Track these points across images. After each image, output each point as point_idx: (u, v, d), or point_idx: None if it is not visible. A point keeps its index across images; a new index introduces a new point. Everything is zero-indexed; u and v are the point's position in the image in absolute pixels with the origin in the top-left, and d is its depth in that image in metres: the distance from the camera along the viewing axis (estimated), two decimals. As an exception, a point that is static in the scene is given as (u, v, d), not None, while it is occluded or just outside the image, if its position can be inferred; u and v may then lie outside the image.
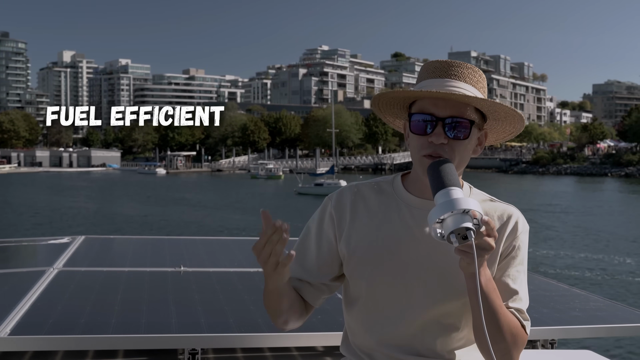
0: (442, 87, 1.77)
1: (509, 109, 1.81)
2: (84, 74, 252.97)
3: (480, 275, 1.64)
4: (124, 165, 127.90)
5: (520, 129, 1.91)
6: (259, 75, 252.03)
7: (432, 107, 1.76)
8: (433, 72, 1.83)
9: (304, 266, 1.94)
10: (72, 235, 5.13)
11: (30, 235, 25.59)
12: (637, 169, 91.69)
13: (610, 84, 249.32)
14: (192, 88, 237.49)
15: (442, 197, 1.57)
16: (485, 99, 1.77)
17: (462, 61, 1.87)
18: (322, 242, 1.93)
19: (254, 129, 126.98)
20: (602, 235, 29.43)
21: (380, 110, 1.96)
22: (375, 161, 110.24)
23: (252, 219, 35.14)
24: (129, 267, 3.92)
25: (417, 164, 1.81)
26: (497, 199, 1.91)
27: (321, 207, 1.97)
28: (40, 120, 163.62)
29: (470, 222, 1.51)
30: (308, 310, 1.97)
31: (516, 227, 1.85)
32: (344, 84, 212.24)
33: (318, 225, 1.95)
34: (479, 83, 1.83)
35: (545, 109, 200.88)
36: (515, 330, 1.75)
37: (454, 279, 1.78)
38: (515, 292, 1.82)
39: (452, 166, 1.67)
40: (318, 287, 1.95)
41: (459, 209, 1.51)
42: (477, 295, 1.55)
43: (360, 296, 1.88)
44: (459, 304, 1.81)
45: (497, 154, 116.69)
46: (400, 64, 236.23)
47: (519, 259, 1.85)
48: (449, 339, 1.84)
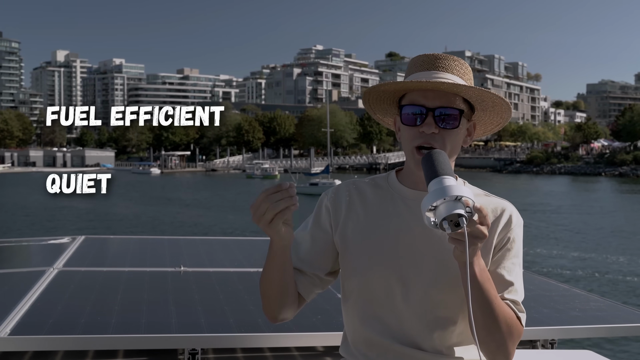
0: (430, 79, 1.80)
1: (496, 97, 1.84)
2: (78, 74, 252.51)
3: (474, 264, 1.66)
4: (118, 165, 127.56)
5: (508, 118, 1.94)
6: (254, 75, 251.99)
7: (422, 98, 1.80)
8: (421, 65, 1.87)
9: (299, 255, 1.96)
10: (72, 236, 5.12)
11: (24, 235, 25.53)
12: (631, 169, 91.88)
13: (604, 84, 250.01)
14: (187, 88, 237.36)
15: (435, 184, 1.58)
16: (473, 86, 1.80)
17: None
18: (318, 233, 1.95)
19: (248, 128, 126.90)
20: (593, 234, 29.53)
21: (371, 107, 1.99)
22: (370, 161, 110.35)
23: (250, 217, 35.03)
24: (129, 267, 3.92)
25: (409, 155, 1.84)
26: (492, 194, 1.93)
27: (318, 201, 1.99)
28: (33, 120, 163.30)
29: (463, 209, 1.52)
30: (300, 303, 1.97)
31: (510, 220, 1.86)
32: (338, 84, 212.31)
33: (315, 218, 1.98)
34: (466, 75, 1.87)
35: (539, 108, 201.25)
36: (510, 321, 1.75)
37: (449, 271, 1.79)
38: (510, 284, 1.83)
39: (445, 156, 1.69)
40: (311, 279, 1.95)
41: (452, 196, 1.52)
42: (467, 284, 1.57)
43: (356, 289, 1.89)
44: (455, 296, 1.81)
45: (491, 154, 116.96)
46: (395, 63, 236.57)
47: (513, 252, 1.86)
48: (446, 332, 1.84)
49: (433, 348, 1.83)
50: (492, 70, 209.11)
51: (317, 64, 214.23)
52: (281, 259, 1.80)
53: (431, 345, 1.83)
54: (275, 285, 1.86)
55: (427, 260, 1.82)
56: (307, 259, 1.95)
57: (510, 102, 1.88)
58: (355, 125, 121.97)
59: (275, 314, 1.92)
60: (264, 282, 1.87)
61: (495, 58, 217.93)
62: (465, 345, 1.87)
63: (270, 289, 1.87)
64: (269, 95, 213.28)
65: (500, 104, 1.87)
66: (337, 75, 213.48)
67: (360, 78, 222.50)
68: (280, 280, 1.85)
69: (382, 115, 2.02)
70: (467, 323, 1.84)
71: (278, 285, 1.86)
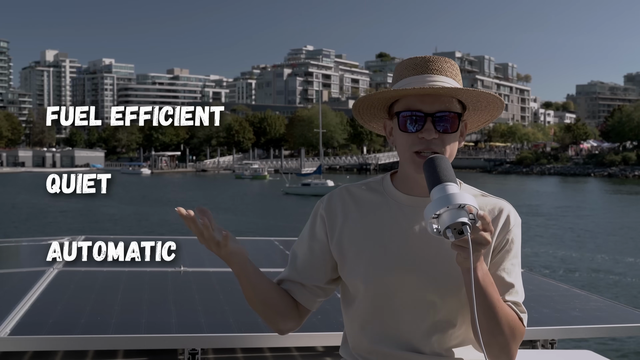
0: (425, 83, 1.79)
1: (493, 96, 1.85)
2: (67, 74, 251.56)
3: (477, 269, 1.66)
4: (108, 165, 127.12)
5: (498, 115, 1.95)
6: (244, 75, 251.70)
7: (419, 103, 1.78)
8: (413, 68, 1.85)
9: (297, 268, 1.95)
10: (72, 235, 5.10)
11: (14, 235, 25.40)
12: (620, 169, 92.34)
13: (594, 85, 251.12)
14: (177, 88, 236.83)
15: (438, 192, 1.58)
16: (473, 89, 1.79)
17: None
18: (314, 244, 1.94)
19: (238, 129, 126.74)
20: (581, 233, 29.65)
21: (360, 113, 1.97)
22: (360, 161, 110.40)
23: (243, 219, 35.05)
24: (129, 267, 3.91)
25: (407, 161, 1.82)
26: (489, 194, 1.92)
27: (313, 210, 1.98)
28: (22, 120, 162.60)
29: (466, 217, 1.52)
30: (302, 313, 1.97)
31: (508, 221, 1.86)
32: (328, 84, 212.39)
33: (310, 228, 1.97)
34: (457, 76, 1.87)
35: (529, 109, 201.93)
36: (513, 323, 1.76)
37: (447, 276, 1.79)
38: (511, 286, 1.84)
39: (447, 161, 1.69)
40: (312, 290, 1.95)
41: (455, 204, 1.52)
42: (472, 290, 1.57)
43: (356, 296, 1.89)
44: (453, 301, 1.82)
45: (481, 154, 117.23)
46: (385, 64, 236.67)
47: (513, 253, 1.86)
48: (445, 336, 1.84)
49: (433, 351, 1.84)
50: (482, 71, 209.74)
51: (308, 64, 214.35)
52: (247, 274, 1.84)
53: (431, 349, 1.84)
54: (257, 301, 1.89)
55: (424, 266, 1.82)
56: (306, 271, 1.95)
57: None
58: (345, 126, 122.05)
59: (276, 326, 1.94)
60: (249, 301, 1.91)
61: (485, 59, 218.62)
62: (465, 346, 1.88)
63: (256, 306, 1.91)
64: (259, 96, 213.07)
65: (495, 102, 1.88)
66: (327, 76, 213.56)
67: (350, 78, 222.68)
68: (257, 295, 1.88)
69: (368, 120, 1.99)
70: (467, 325, 1.85)
71: (258, 299, 1.89)
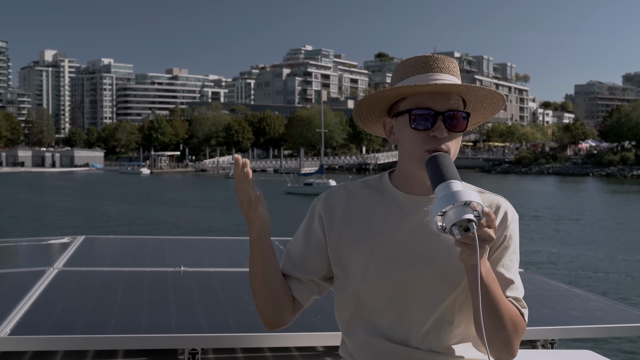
0: (437, 81, 1.79)
1: (499, 99, 1.86)
2: (66, 74, 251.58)
3: (481, 266, 1.65)
4: (107, 165, 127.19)
5: (493, 117, 1.96)
6: (243, 75, 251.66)
7: (431, 101, 1.77)
8: (421, 67, 1.84)
9: (293, 262, 1.96)
10: (72, 235, 5.11)
11: (14, 235, 25.39)
12: (618, 169, 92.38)
13: (592, 85, 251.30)
14: (176, 88, 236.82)
15: (443, 190, 1.57)
16: (482, 87, 1.80)
17: None
18: (310, 239, 1.94)
19: (237, 128, 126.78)
20: (580, 233, 29.65)
21: (362, 111, 1.95)
22: (360, 161, 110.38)
23: (244, 218, 34.89)
24: (129, 267, 3.91)
25: (416, 160, 1.80)
26: (486, 191, 1.92)
27: (310, 207, 1.98)
28: (21, 120, 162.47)
29: (472, 214, 1.52)
30: (295, 309, 1.96)
31: (506, 217, 1.86)
32: (327, 84, 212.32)
33: (307, 224, 1.97)
34: (459, 75, 1.88)
35: (527, 109, 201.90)
36: (515, 318, 1.76)
37: (447, 274, 1.80)
38: (511, 282, 1.84)
39: (450, 159, 1.69)
40: (307, 285, 1.95)
41: (461, 201, 1.52)
42: (477, 287, 1.57)
43: (354, 294, 1.88)
44: (452, 298, 1.82)
45: (480, 154, 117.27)
46: (384, 64, 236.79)
47: (511, 249, 1.86)
48: (444, 334, 1.84)
49: (432, 349, 1.84)
50: (480, 71, 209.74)
51: (307, 64, 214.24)
52: (262, 245, 1.85)
53: (430, 347, 1.84)
54: (261, 279, 1.88)
55: (423, 264, 1.82)
56: (301, 265, 1.95)
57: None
58: (344, 126, 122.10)
59: (269, 316, 1.93)
60: (252, 279, 1.90)
61: (484, 59, 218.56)
62: (464, 343, 1.88)
63: (257, 284, 1.89)
64: (258, 96, 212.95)
65: (497, 104, 1.88)
66: (326, 76, 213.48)
67: (349, 78, 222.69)
68: (264, 271, 1.87)
69: (365, 117, 1.98)
70: (466, 323, 1.86)
71: (264, 278, 1.88)
